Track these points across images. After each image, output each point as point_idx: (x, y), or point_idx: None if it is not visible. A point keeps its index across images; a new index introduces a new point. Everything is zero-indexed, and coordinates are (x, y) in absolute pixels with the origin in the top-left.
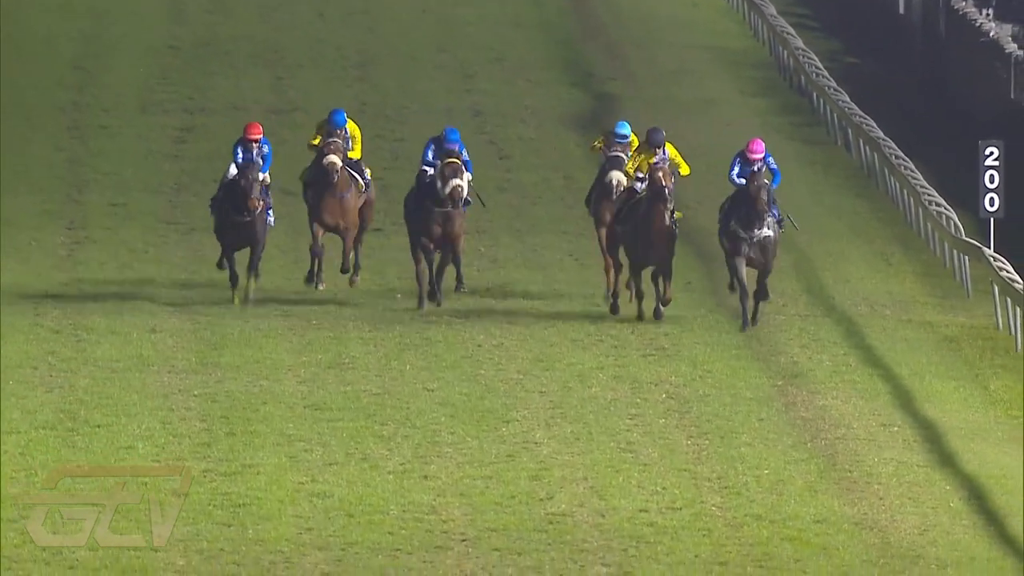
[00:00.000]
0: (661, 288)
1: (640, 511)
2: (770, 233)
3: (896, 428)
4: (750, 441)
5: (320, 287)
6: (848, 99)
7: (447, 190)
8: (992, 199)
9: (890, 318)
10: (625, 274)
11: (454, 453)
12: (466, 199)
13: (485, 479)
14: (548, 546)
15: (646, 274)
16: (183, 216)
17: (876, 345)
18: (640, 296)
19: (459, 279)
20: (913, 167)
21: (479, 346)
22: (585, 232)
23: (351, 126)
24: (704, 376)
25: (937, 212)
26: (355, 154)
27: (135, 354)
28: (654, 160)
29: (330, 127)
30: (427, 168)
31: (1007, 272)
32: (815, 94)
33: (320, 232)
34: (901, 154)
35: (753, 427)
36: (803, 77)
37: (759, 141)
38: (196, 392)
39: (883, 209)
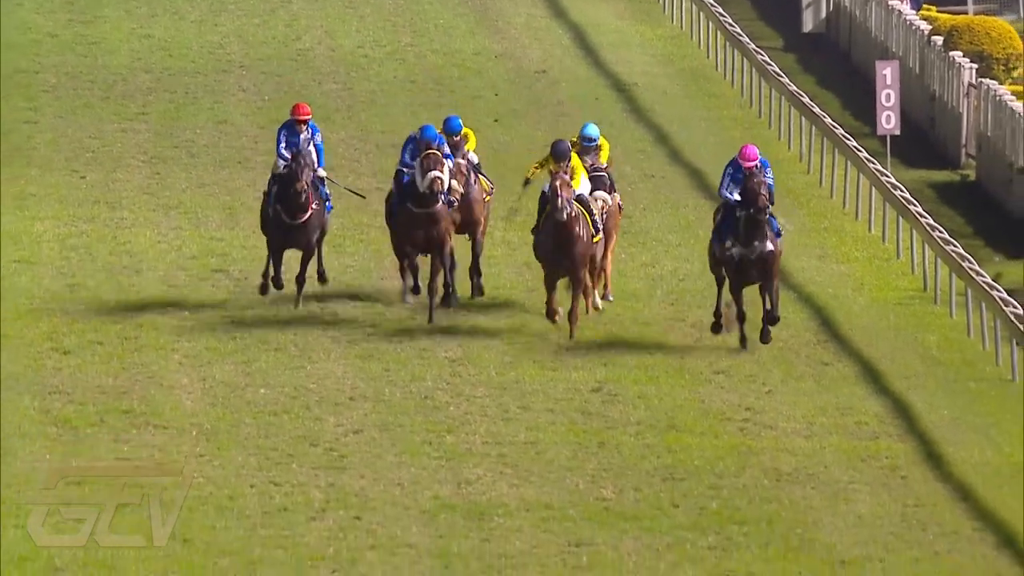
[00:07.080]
0: (570, 298)
1: (358, 47)
2: (771, 248)
3: None
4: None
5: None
6: None
7: (426, 182)
8: None
9: None
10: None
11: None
12: (450, 199)
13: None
14: (295, 72)
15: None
16: None
17: None
18: (553, 314)
19: (448, 287)
20: None
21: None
22: None
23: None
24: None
25: None
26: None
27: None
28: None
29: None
30: (404, 169)
31: None
32: None
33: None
34: None
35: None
36: None
37: (752, 147)
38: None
39: None
